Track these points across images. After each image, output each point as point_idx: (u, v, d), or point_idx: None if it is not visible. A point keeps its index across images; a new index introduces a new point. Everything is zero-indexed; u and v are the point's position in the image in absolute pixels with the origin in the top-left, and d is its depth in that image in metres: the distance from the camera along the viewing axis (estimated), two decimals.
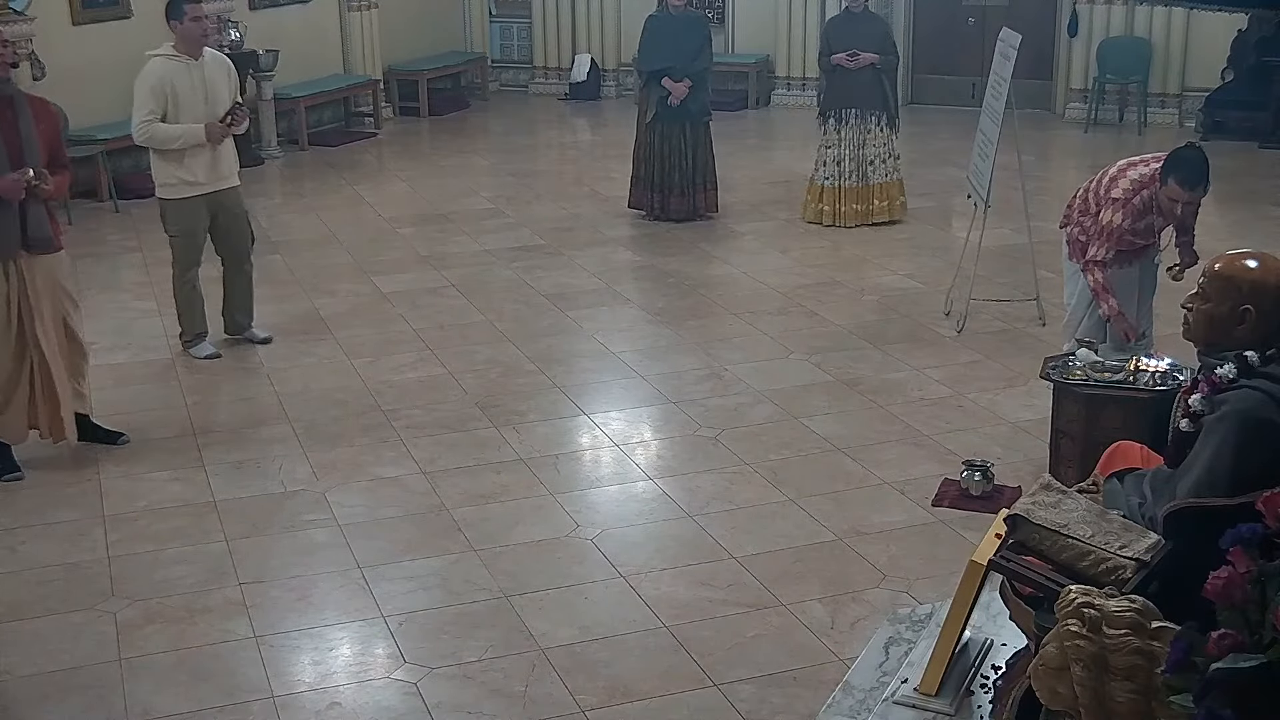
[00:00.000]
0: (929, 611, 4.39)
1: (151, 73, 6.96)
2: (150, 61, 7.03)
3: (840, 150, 9.70)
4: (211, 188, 7.18)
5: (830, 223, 9.78)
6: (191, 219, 7.19)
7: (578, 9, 15.54)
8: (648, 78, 9.79)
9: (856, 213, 9.78)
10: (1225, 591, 2.61)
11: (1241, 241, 8.12)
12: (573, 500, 5.65)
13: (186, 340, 7.38)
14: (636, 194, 10.12)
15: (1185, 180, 5.53)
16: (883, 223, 9.79)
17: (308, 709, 4.26)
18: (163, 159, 7.09)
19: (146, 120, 6.95)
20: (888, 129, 9.72)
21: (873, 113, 9.65)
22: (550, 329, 7.78)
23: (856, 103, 9.62)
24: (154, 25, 11.62)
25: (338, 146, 13.11)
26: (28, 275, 5.79)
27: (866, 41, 9.51)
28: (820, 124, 9.85)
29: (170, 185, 7.13)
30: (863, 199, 9.78)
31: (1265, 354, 3.43)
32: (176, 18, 6.97)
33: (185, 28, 6.96)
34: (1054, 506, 3.46)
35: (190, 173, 7.07)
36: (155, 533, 5.40)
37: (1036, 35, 12.39)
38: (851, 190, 9.76)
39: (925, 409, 6.54)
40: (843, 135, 9.67)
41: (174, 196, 7.15)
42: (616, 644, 4.57)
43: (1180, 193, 5.55)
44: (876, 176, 9.78)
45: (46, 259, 5.88)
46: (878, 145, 9.72)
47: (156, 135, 6.98)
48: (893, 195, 9.90)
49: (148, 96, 6.93)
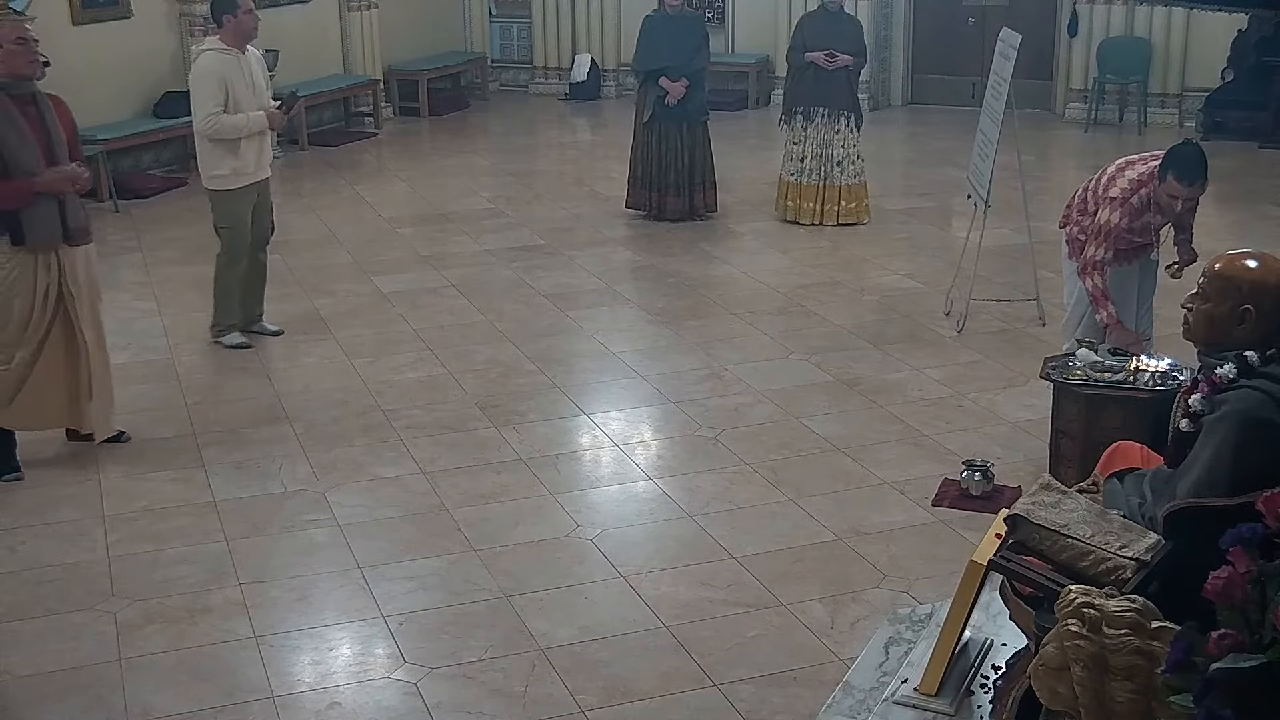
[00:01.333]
0: (929, 611, 4.39)
1: (208, 67, 7.12)
2: (202, 56, 7.20)
3: (805, 147, 9.71)
4: (257, 177, 7.38)
5: (793, 219, 9.79)
6: (243, 209, 7.37)
7: (578, 9, 15.54)
8: (645, 77, 9.80)
9: (812, 211, 9.78)
10: (1225, 591, 2.62)
11: (1241, 241, 8.13)
12: (573, 500, 5.65)
13: (219, 330, 7.46)
14: (634, 194, 10.12)
15: (1183, 175, 5.52)
16: (850, 224, 9.78)
17: (308, 709, 4.26)
18: (218, 151, 7.21)
19: (214, 112, 7.10)
20: (855, 130, 9.73)
21: (842, 113, 9.67)
22: (550, 329, 7.78)
23: (827, 102, 9.62)
24: (154, 25, 11.70)
25: (338, 146, 13.12)
26: (68, 266, 5.87)
27: (842, 41, 9.52)
28: (786, 120, 9.83)
29: (223, 176, 7.25)
30: (824, 198, 9.77)
31: (1265, 354, 3.43)
32: (230, 11, 7.11)
33: (239, 20, 7.13)
34: (1054, 506, 3.47)
35: (243, 161, 7.25)
36: (155, 533, 5.40)
37: (1036, 35, 12.39)
38: (810, 188, 9.77)
39: (925, 409, 6.54)
40: (809, 133, 9.68)
41: (227, 187, 7.29)
42: (616, 644, 4.57)
43: (1179, 188, 5.54)
44: (845, 178, 9.77)
45: (85, 249, 5.98)
46: (846, 146, 9.72)
47: (225, 125, 7.13)
48: (860, 197, 9.89)
49: (214, 89, 7.08)
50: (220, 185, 7.28)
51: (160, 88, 11.41)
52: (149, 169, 11.68)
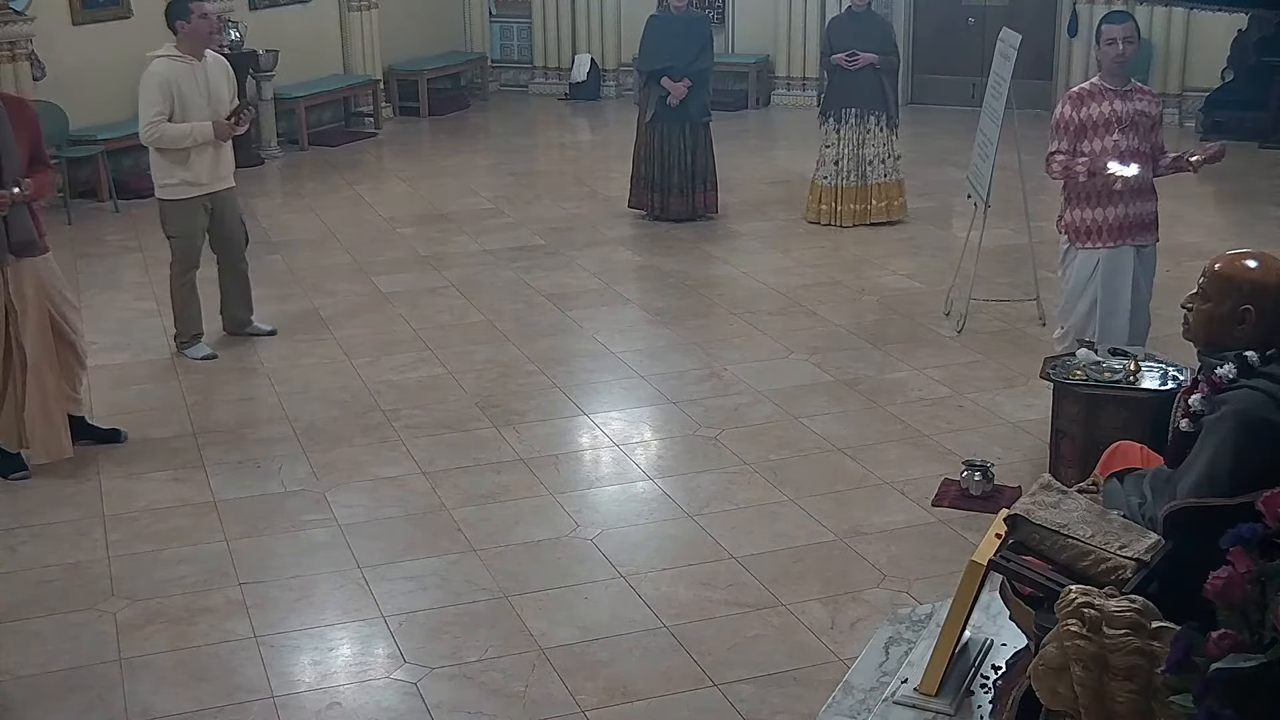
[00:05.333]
0: (929, 611, 4.39)
1: (156, 73, 6.95)
2: (154, 62, 7.01)
3: (839, 150, 9.71)
4: (212, 188, 7.19)
5: (829, 222, 9.79)
6: (192, 220, 7.21)
7: (578, 9, 15.54)
8: (648, 77, 9.79)
9: (854, 212, 9.79)
10: (1225, 591, 2.61)
11: (1241, 241, 8.13)
12: (573, 500, 5.65)
13: (182, 341, 7.37)
14: (636, 194, 10.12)
15: (1110, 19, 6.08)
16: (881, 223, 9.79)
17: (308, 709, 4.26)
18: (166, 160, 7.08)
19: (155, 120, 6.95)
20: (888, 129, 9.72)
21: (872, 113, 9.65)
22: (550, 329, 7.78)
23: (856, 102, 9.62)
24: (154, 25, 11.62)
25: (338, 146, 13.12)
26: (13, 281, 5.71)
27: (867, 41, 9.51)
28: (820, 124, 9.86)
29: (172, 185, 7.12)
30: (860, 199, 9.78)
31: (1265, 354, 3.43)
32: (183, 17, 6.93)
33: (193, 26, 6.93)
34: (1054, 506, 3.46)
35: (193, 173, 7.08)
36: (155, 533, 5.40)
37: (1036, 35, 12.38)
38: (849, 190, 9.76)
39: (925, 409, 6.54)
40: (842, 135, 9.68)
41: (175, 197, 7.15)
42: (616, 644, 4.57)
43: (1113, 30, 5.99)
44: (876, 176, 9.77)
45: (33, 263, 5.78)
46: (877, 145, 9.72)
47: (166, 135, 6.98)
48: (892, 195, 9.89)
49: (155, 97, 6.92)
50: (169, 195, 7.14)
51: None
52: (149, 169, 11.64)
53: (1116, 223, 6.06)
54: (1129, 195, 6.02)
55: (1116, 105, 5.99)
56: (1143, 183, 6.05)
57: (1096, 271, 6.11)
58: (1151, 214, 6.15)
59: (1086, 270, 6.14)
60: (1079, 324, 6.17)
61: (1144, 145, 6.04)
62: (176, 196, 7.14)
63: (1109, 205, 6.03)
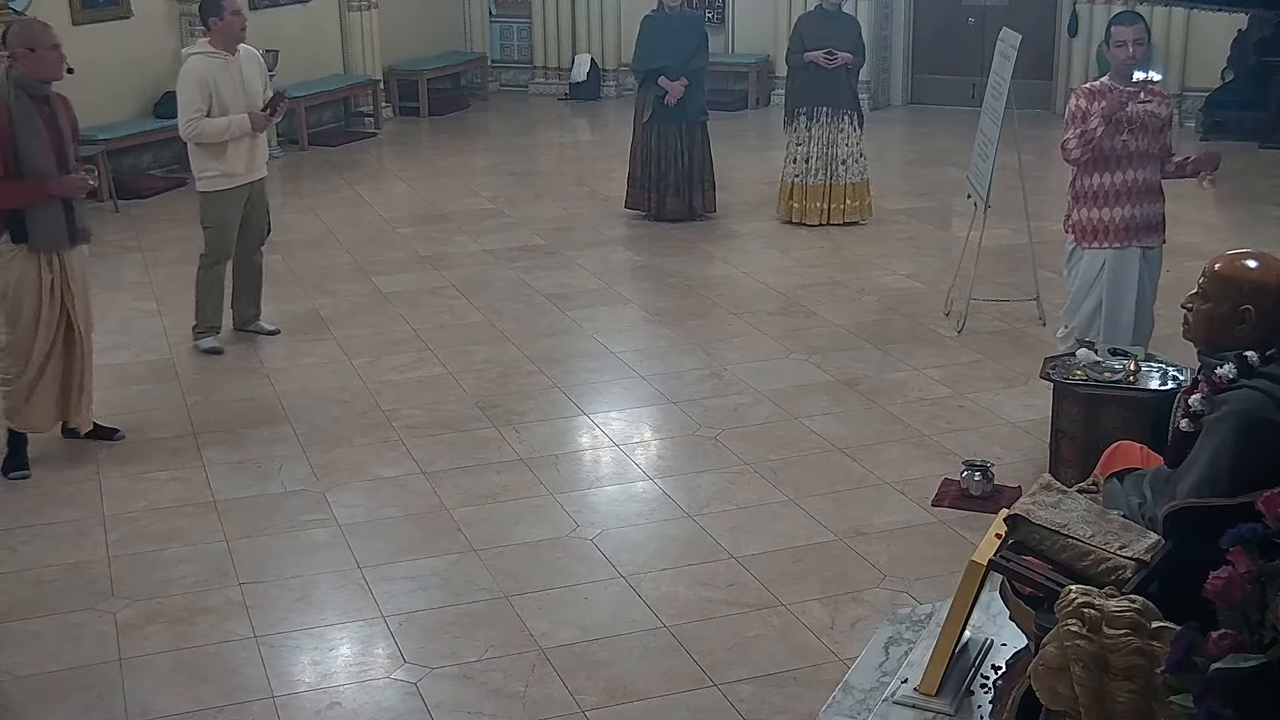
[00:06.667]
0: (929, 611, 4.39)
1: (193, 70, 7.11)
2: (190, 60, 7.19)
3: (809, 148, 9.71)
4: (248, 179, 7.37)
5: (799, 220, 9.79)
6: (229, 211, 7.37)
7: (578, 9, 15.54)
8: (644, 77, 9.80)
9: (820, 210, 9.78)
10: (1225, 591, 2.61)
11: (1241, 241, 8.14)
12: (573, 500, 5.65)
13: (199, 331, 7.45)
14: (633, 194, 10.11)
15: (1119, 20, 6.10)
16: (853, 222, 9.78)
17: (308, 709, 4.26)
18: (205, 153, 7.23)
19: (194, 117, 7.10)
20: (859, 128, 9.73)
21: (845, 112, 9.67)
22: (550, 329, 7.78)
23: (830, 101, 9.63)
24: (154, 25, 11.69)
25: (338, 146, 13.12)
26: (69, 266, 5.93)
27: (841, 40, 9.53)
28: (788, 121, 9.84)
29: (211, 177, 7.27)
30: (829, 198, 9.78)
31: (1265, 354, 3.42)
32: (215, 14, 7.12)
33: (225, 23, 7.12)
34: (1054, 506, 3.46)
35: (231, 165, 7.24)
36: (155, 533, 5.41)
37: (1036, 35, 12.38)
38: (815, 188, 9.77)
39: (925, 409, 6.54)
40: (813, 133, 9.68)
41: (215, 189, 7.30)
42: (616, 644, 4.57)
43: (1122, 31, 5.98)
44: (849, 176, 9.78)
45: (83, 250, 6.06)
46: (850, 145, 9.73)
47: (205, 130, 7.13)
48: (863, 195, 9.90)
49: (194, 93, 7.08)
50: (209, 186, 7.30)
51: (160, 88, 11.39)
52: (149, 169, 11.69)
53: (1123, 223, 6.06)
54: (1136, 196, 6.02)
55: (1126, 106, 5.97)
56: (1150, 184, 6.05)
57: (1102, 272, 6.11)
58: (1159, 215, 6.14)
59: (1093, 270, 6.14)
60: (1083, 324, 6.16)
61: (1153, 146, 6.03)
62: (216, 188, 7.30)
63: (1116, 206, 6.03)
